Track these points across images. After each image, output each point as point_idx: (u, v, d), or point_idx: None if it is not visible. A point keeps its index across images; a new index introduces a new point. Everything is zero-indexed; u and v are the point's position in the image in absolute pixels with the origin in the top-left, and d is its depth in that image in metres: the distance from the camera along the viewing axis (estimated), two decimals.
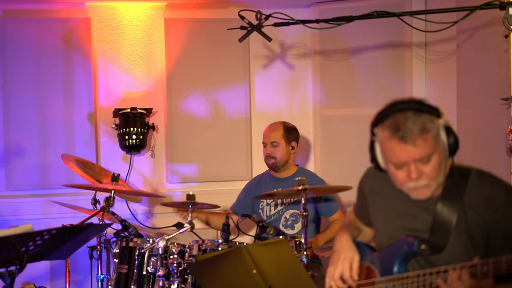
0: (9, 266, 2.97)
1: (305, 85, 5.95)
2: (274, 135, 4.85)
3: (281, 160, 4.84)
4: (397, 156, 2.44)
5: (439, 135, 2.44)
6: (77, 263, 5.41)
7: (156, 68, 5.69)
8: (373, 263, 2.73)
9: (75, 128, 5.50)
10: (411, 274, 2.52)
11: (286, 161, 4.86)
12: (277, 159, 4.83)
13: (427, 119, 2.43)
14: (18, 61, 5.42)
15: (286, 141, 4.84)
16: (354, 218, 2.96)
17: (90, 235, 3.39)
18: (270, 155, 4.85)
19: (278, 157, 4.83)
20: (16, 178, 5.43)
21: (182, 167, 5.69)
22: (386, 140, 2.46)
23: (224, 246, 3.86)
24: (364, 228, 2.91)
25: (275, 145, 4.83)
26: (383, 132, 2.47)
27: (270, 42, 4.22)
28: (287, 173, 4.90)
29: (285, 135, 4.85)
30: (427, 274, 2.46)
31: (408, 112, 2.43)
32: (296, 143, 4.91)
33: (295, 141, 4.90)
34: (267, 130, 4.92)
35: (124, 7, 5.64)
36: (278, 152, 4.83)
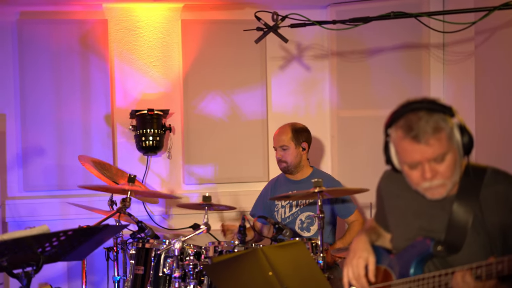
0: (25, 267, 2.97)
1: (321, 86, 5.92)
2: (283, 138, 4.82)
3: (292, 163, 4.81)
4: (411, 156, 2.44)
5: (453, 134, 2.44)
6: (94, 264, 5.43)
7: (173, 69, 5.70)
8: (390, 266, 2.71)
9: (92, 129, 5.52)
10: (426, 276, 2.51)
11: (298, 163, 4.83)
12: (288, 162, 4.81)
13: (440, 118, 2.42)
14: (35, 63, 5.44)
15: (295, 144, 4.80)
16: (374, 224, 2.95)
17: (106, 236, 3.39)
18: (281, 159, 4.82)
19: (289, 161, 4.81)
20: (33, 179, 5.45)
21: (199, 169, 5.69)
22: (399, 140, 2.46)
23: (240, 248, 3.84)
24: (384, 233, 2.90)
25: (284, 149, 4.80)
26: (396, 133, 2.48)
27: (286, 43, 4.21)
28: (302, 175, 4.87)
29: (294, 137, 4.81)
30: (443, 275, 2.45)
31: (421, 112, 2.43)
32: (307, 144, 4.86)
33: (305, 142, 4.85)
34: (276, 134, 4.89)
35: (141, 8, 5.65)
36: (288, 155, 4.80)
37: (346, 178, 5.49)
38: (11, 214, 5.43)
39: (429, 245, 2.52)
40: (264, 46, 5.73)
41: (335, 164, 5.81)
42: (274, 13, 4.01)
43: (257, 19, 4.04)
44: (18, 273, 2.96)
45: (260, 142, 5.75)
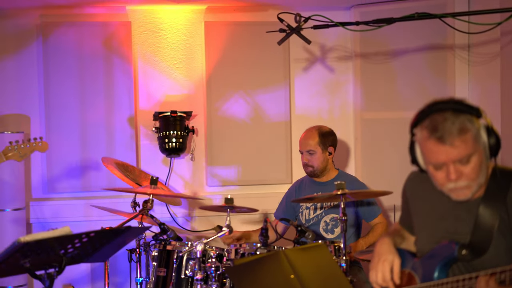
0: (48, 268, 2.99)
1: (345, 88, 5.89)
2: (310, 143, 4.78)
3: (319, 167, 4.78)
4: (436, 157, 2.41)
5: (479, 136, 2.41)
6: (116, 265, 5.44)
7: (196, 71, 5.70)
8: (414, 269, 2.68)
9: (115, 131, 5.54)
10: (450, 280, 2.48)
11: (324, 167, 4.80)
12: (315, 167, 4.78)
13: (467, 119, 2.39)
14: (59, 65, 5.47)
15: (322, 148, 4.77)
16: (399, 227, 2.93)
17: (129, 238, 3.39)
18: (307, 164, 4.80)
19: (316, 165, 4.78)
20: (57, 181, 5.48)
21: (222, 170, 5.68)
22: (424, 140, 2.44)
23: (262, 250, 3.83)
24: (408, 236, 2.87)
25: (311, 153, 4.78)
26: (421, 133, 2.46)
27: (309, 44, 4.19)
28: (327, 177, 4.85)
29: (321, 141, 4.78)
30: (467, 279, 2.42)
31: (447, 112, 2.40)
32: (333, 148, 4.84)
33: (332, 146, 4.82)
34: (303, 137, 4.86)
35: (165, 10, 5.66)
36: (315, 160, 4.77)
37: (370, 180, 5.46)
38: (35, 216, 5.46)
39: (454, 249, 2.49)
40: (288, 48, 5.71)
41: (358, 166, 5.77)
42: (297, 14, 4.00)
43: (280, 21, 4.02)
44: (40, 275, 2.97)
45: (283, 144, 5.73)
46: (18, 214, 5.19)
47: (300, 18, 3.97)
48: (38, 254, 2.91)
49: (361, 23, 3.94)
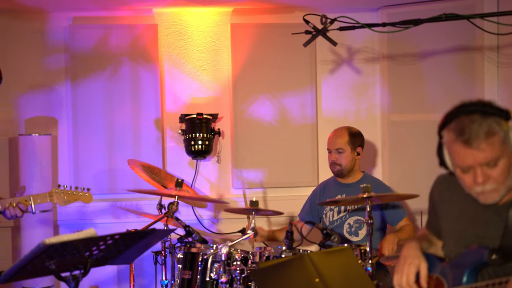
0: (73, 270, 2.99)
1: (372, 90, 5.85)
2: (339, 141, 4.78)
3: (347, 167, 4.77)
4: (463, 159, 2.38)
5: (507, 139, 2.37)
6: (142, 267, 5.46)
7: (222, 73, 5.70)
8: (443, 274, 2.64)
9: (142, 133, 5.55)
10: (479, 284, 2.44)
11: (351, 167, 4.79)
12: (343, 166, 4.76)
13: (495, 121, 2.35)
14: (86, 68, 5.51)
15: (351, 148, 4.77)
16: (426, 231, 2.89)
17: (153, 240, 3.39)
18: (335, 162, 4.78)
19: (344, 164, 4.76)
20: (84, 183, 5.47)
21: (248, 173, 5.66)
22: (451, 143, 2.41)
23: (287, 253, 3.80)
24: (436, 241, 2.83)
25: (340, 152, 4.76)
26: (448, 135, 2.42)
27: (335, 46, 4.16)
28: (352, 179, 4.82)
29: (350, 141, 4.78)
30: (496, 283, 2.38)
31: (475, 114, 2.37)
32: (361, 149, 4.83)
33: (360, 147, 4.83)
34: (332, 136, 4.85)
35: (191, 13, 5.66)
36: (344, 158, 4.76)
37: (397, 183, 5.42)
38: (62, 217, 5.49)
39: (484, 253, 2.45)
40: (314, 50, 5.69)
41: (386, 169, 5.72)
42: (322, 16, 3.97)
43: (306, 22, 4.00)
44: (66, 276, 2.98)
45: (310, 147, 5.71)
46: (45, 215, 5.23)
47: (326, 20, 3.95)
48: (63, 256, 2.91)
49: (388, 25, 3.90)
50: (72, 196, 3.93)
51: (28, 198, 3.78)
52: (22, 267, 2.87)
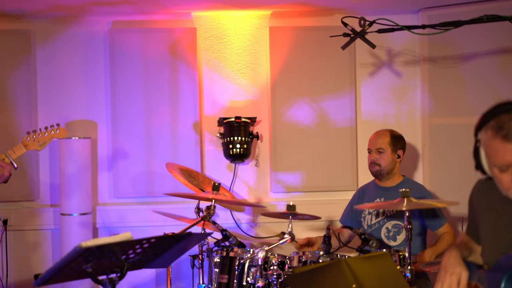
0: (110, 273, 2.99)
1: (413, 93, 5.78)
2: (381, 141, 4.75)
3: (386, 167, 4.72)
4: (501, 157, 2.33)
5: None
6: (181, 271, 5.46)
7: (260, 76, 5.68)
8: (480, 282, 2.59)
9: (180, 136, 5.56)
10: None
11: (391, 169, 4.74)
12: (382, 166, 4.72)
13: None
14: (126, 72, 5.54)
15: (392, 149, 4.73)
16: (466, 238, 2.84)
17: (190, 244, 3.38)
18: (375, 162, 4.74)
19: (383, 165, 4.72)
20: (123, 186, 5.54)
21: (286, 177, 5.63)
22: (489, 141, 2.36)
23: (325, 258, 3.77)
24: (476, 247, 2.78)
25: (380, 152, 4.72)
26: (486, 134, 2.38)
27: (374, 49, 4.11)
28: (392, 182, 4.77)
29: (392, 142, 4.75)
30: None
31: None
32: (402, 152, 4.79)
33: (401, 150, 4.78)
34: (373, 136, 4.82)
35: (229, 16, 5.66)
36: (384, 159, 4.72)
37: (438, 188, 5.36)
38: (101, 220, 5.54)
39: None
40: (353, 53, 5.64)
41: (426, 173, 5.64)
42: (361, 18, 3.93)
43: (344, 25, 3.96)
44: (102, 279, 2.98)
45: (349, 150, 5.65)
46: (85, 218, 5.27)
47: (365, 22, 3.90)
48: (100, 259, 2.92)
49: (427, 27, 3.84)
50: (45, 137, 3.89)
51: (4, 155, 3.73)
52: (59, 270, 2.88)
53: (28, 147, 3.80)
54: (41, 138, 3.83)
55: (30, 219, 5.53)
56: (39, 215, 5.54)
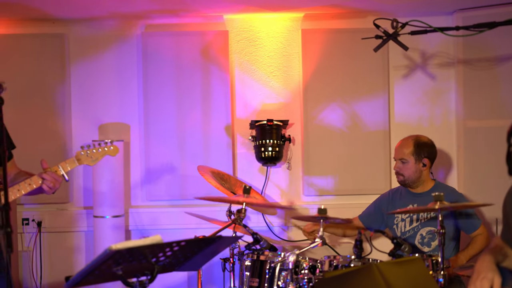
0: (140, 276, 3.00)
1: (447, 95, 5.71)
2: (403, 151, 4.69)
3: (410, 177, 4.66)
4: None
5: None
6: (212, 273, 5.46)
7: (293, 79, 5.66)
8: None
9: (212, 139, 5.57)
10: None
11: (416, 179, 4.67)
12: (405, 176, 4.67)
13: None
14: (158, 75, 5.56)
15: (416, 159, 4.65)
16: (501, 243, 2.79)
17: (220, 247, 3.37)
18: (398, 172, 4.70)
19: (406, 175, 4.66)
20: (155, 189, 5.56)
21: (319, 180, 5.61)
22: None
23: (356, 262, 3.73)
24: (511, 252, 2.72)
25: (403, 162, 4.67)
26: None
27: (406, 51, 4.07)
28: (423, 188, 4.70)
29: (416, 152, 4.66)
30: None
31: None
32: (428, 161, 4.67)
33: (427, 158, 4.67)
34: (398, 146, 4.77)
35: (262, 19, 5.65)
36: (406, 169, 4.66)
37: (473, 191, 5.30)
38: (134, 223, 5.57)
39: None
40: (387, 55, 5.59)
41: (461, 176, 5.57)
42: (393, 20, 3.88)
43: (376, 27, 3.92)
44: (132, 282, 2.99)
45: (382, 153, 5.61)
46: (117, 220, 5.30)
47: (397, 24, 3.85)
48: (130, 262, 2.92)
49: (461, 28, 3.78)
50: (98, 154, 3.90)
51: (57, 167, 3.77)
52: (90, 272, 2.89)
53: (81, 161, 3.84)
54: (94, 153, 3.88)
55: (63, 221, 5.58)
56: (73, 217, 5.59)
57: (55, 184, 3.71)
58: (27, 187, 3.66)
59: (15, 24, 5.57)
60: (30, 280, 5.54)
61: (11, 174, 3.88)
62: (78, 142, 5.58)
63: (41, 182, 3.67)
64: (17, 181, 3.76)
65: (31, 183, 3.66)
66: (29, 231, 5.54)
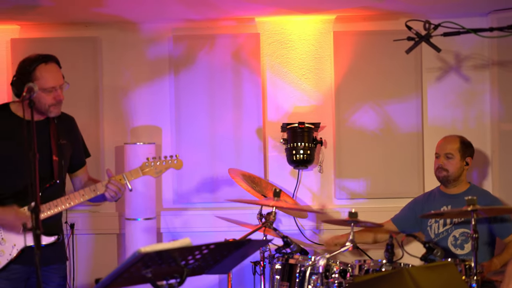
0: (169, 279, 3.00)
1: (482, 97, 5.63)
2: (450, 146, 4.67)
3: (453, 174, 4.63)
4: None
5: None
6: (243, 277, 5.45)
7: (324, 82, 5.63)
8: None
9: (243, 142, 5.56)
10: None
11: (458, 176, 4.65)
12: (450, 172, 4.63)
13: None
14: (190, 78, 5.57)
15: (461, 156, 4.66)
16: None
17: (250, 251, 3.36)
18: (443, 167, 4.66)
19: (451, 171, 4.63)
20: (186, 191, 5.57)
21: (351, 183, 5.56)
22: None
23: (387, 267, 3.69)
24: None
25: (449, 157, 4.64)
26: None
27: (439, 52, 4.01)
28: (458, 189, 4.67)
29: (461, 149, 4.67)
30: None
31: None
32: (471, 160, 4.70)
33: (470, 157, 4.69)
34: (443, 141, 4.76)
35: (293, 21, 5.64)
36: (452, 165, 4.63)
37: (508, 195, 5.22)
38: (165, 225, 5.58)
39: None
40: (420, 57, 5.53)
41: (496, 180, 5.49)
42: (426, 21, 3.82)
43: (408, 29, 3.87)
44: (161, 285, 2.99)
45: (415, 156, 5.54)
46: (149, 223, 5.32)
47: (430, 26, 3.79)
48: (159, 265, 2.92)
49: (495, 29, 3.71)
50: (162, 166, 3.96)
51: (122, 176, 3.83)
52: (119, 275, 2.90)
53: (145, 172, 3.92)
54: (158, 165, 3.95)
55: (96, 224, 5.63)
56: (105, 220, 5.62)
57: (117, 192, 3.81)
58: (91, 193, 3.80)
59: (50, 27, 5.62)
60: None
61: (83, 181, 4.09)
62: (110, 145, 5.63)
63: (104, 189, 3.76)
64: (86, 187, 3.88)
65: (95, 190, 3.79)
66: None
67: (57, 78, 3.78)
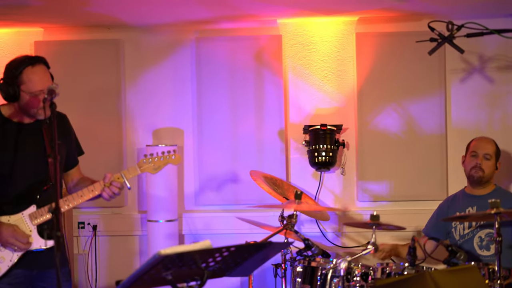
0: (190, 281, 3.00)
1: (506, 99, 5.58)
2: (489, 147, 4.69)
3: (488, 175, 4.64)
4: None
5: None
6: (264, 279, 5.44)
7: (347, 83, 5.60)
8: None
9: (265, 144, 5.55)
10: None
11: (490, 178, 4.68)
12: (485, 173, 4.64)
13: None
14: (212, 79, 5.58)
15: (496, 158, 4.68)
16: None
17: (271, 253, 3.34)
18: (480, 167, 4.63)
19: (487, 172, 4.64)
20: (209, 194, 5.57)
21: (373, 185, 5.53)
22: None
23: (410, 270, 3.66)
24: None
25: (487, 158, 4.65)
26: None
27: (462, 54, 3.97)
28: (484, 190, 4.65)
29: (496, 152, 4.70)
30: None
31: None
32: (500, 164, 4.72)
33: (499, 162, 4.70)
34: (481, 140, 4.75)
35: (315, 23, 5.62)
36: (488, 167, 4.65)
37: None
38: (187, 227, 5.59)
39: None
40: (443, 58, 5.49)
41: None
42: (449, 22, 3.79)
43: (431, 30, 3.83)
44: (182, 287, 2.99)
45: (439, 158, 5.50)
46: (171, 225, 5.33)
47: (453, 27, 3.76)
48: (179, 267, 2.92)
49: None
50: (161, 162, 3.90)
51: (120, 175, 3.79)
52: (139, 277, 2.90)
53: (143, 169, 3.88)
54: (156, 162, 3.90)
55: (118, 225, 5.65)
56: (127, 222, 5.64)
57: (115, 191, 3.76)
58: (89, 194, 3.73)
59: (73, 30, 5.66)
60: (85, 282, 5.61)
61: (75, 180, 3.98)
62: (132, 147, 5.65)
63: (102, 189, 3.72)
64: (79, 186, 3.84)
65: (93, 190, 3.73)
66: (84, 234, 5.62)
67: (45, 80, 3.61)
